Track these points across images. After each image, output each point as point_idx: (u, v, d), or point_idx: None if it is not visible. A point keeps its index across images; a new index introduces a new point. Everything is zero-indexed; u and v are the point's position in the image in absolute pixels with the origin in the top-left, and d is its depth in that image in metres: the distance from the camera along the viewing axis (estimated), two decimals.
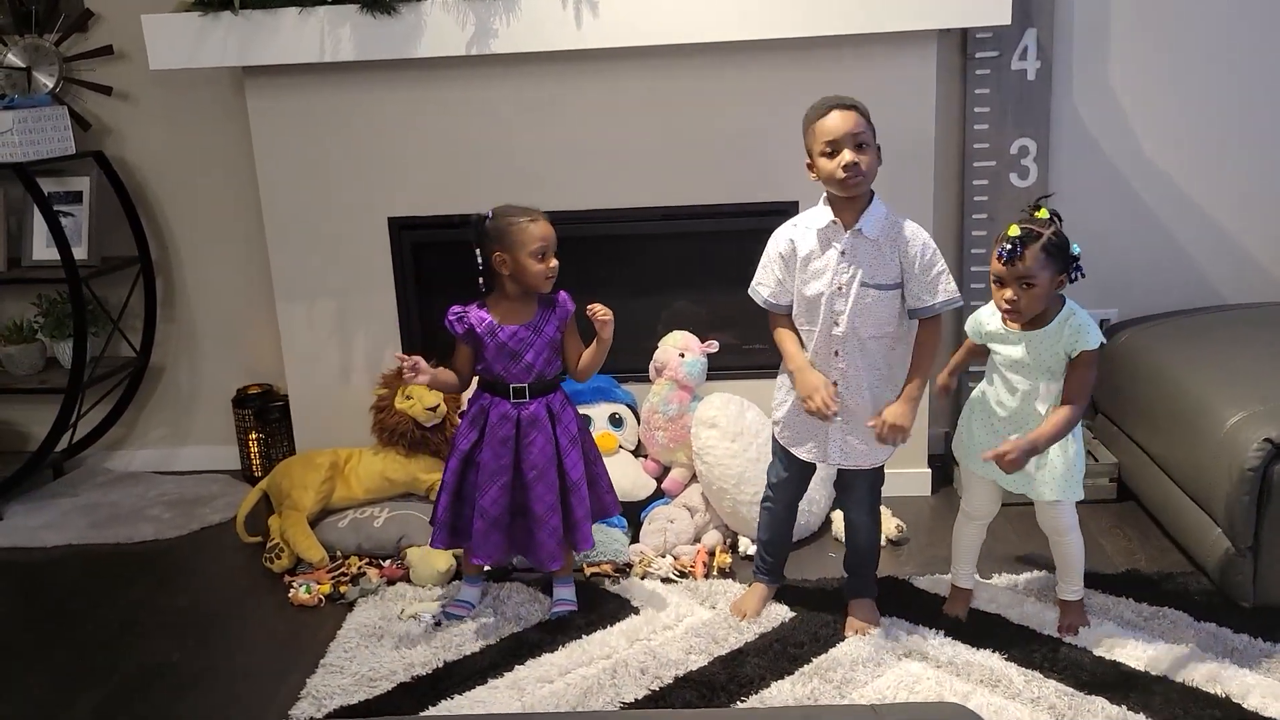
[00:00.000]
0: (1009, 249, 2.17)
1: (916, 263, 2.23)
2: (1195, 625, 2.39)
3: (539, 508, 2.45)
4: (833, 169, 2.17)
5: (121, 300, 3.47)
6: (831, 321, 2.27)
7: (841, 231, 2.25)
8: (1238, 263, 3.28)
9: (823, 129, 2.18)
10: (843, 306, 2.25)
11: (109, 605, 2.77)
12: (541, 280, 2.41)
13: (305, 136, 3.04)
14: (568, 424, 2.50)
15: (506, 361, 2.43)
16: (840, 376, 2.29)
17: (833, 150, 2.17)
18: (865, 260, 2.24)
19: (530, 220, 2.39)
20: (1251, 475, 2.34)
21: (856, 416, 2.32)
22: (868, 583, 2.51)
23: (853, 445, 2.35)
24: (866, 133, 2.18)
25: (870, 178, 2.21)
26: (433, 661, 2.41)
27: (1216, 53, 3.14)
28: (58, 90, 3.33)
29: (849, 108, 2.18)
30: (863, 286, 2.24)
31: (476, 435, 2.46)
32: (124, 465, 3.63)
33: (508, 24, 2.79)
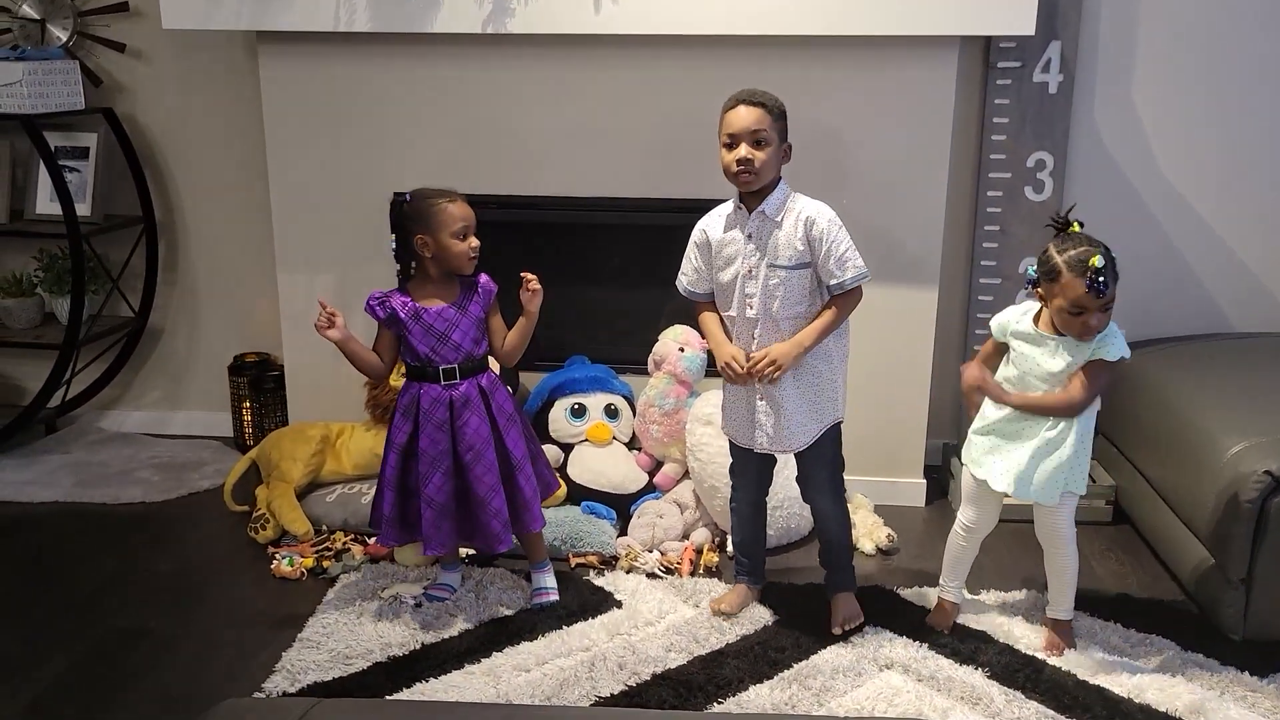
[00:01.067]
0: (1102, 281, 2.13)
1: (823, 241, 2.25)
2: (1183, 655, 2.35)
3: (480, 489, 2.42)
4: (728, 162, 2.23)
5: (123, 259, 3.45)
6: (745, 304, 2.30)
7: (746, 215, 2.29)
8: (1249, 291, 3.24)
9: (725, 121, 2.24)
10: (754, 289, 2.29)
11: (90, 565, 2.76)
12: (464, 260, 2.38)
13: (315, 106, 3.02)
14: (502, 402, 2.47)
15: (434, 343, 2.39)
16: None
17: (731, 144, 2.22)
18: (769, 242, 2.27)
19: (449, 200, 2.38)
20: (1249, 507, 2.30)
21: (777, 401, 2.33)
22: (846, 575, 2.51)
23: (778, 429, 2.35)
24: (767, 130, 2.20)
25: (765, 175, 2.23)
26: (410, 643, 2.39)
27: (1242, 79, 3.10)
28: (70, 44, 3.31)
29: (756, 104, 2.21)
30: (770, 268, 2.27)
31: (411, 426, 2.43)
32: (117, 426, 3.62)
33: (525, 5, 2.76)
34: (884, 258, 2.96)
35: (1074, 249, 2.16)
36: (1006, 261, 3.18)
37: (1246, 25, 3.06)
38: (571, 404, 3.03)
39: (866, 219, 2.95)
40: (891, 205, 2.93)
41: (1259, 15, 3.05)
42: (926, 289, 3.00)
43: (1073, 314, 2.16)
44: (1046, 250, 2.22)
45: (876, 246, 2.94)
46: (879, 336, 3.00)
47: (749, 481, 2.50)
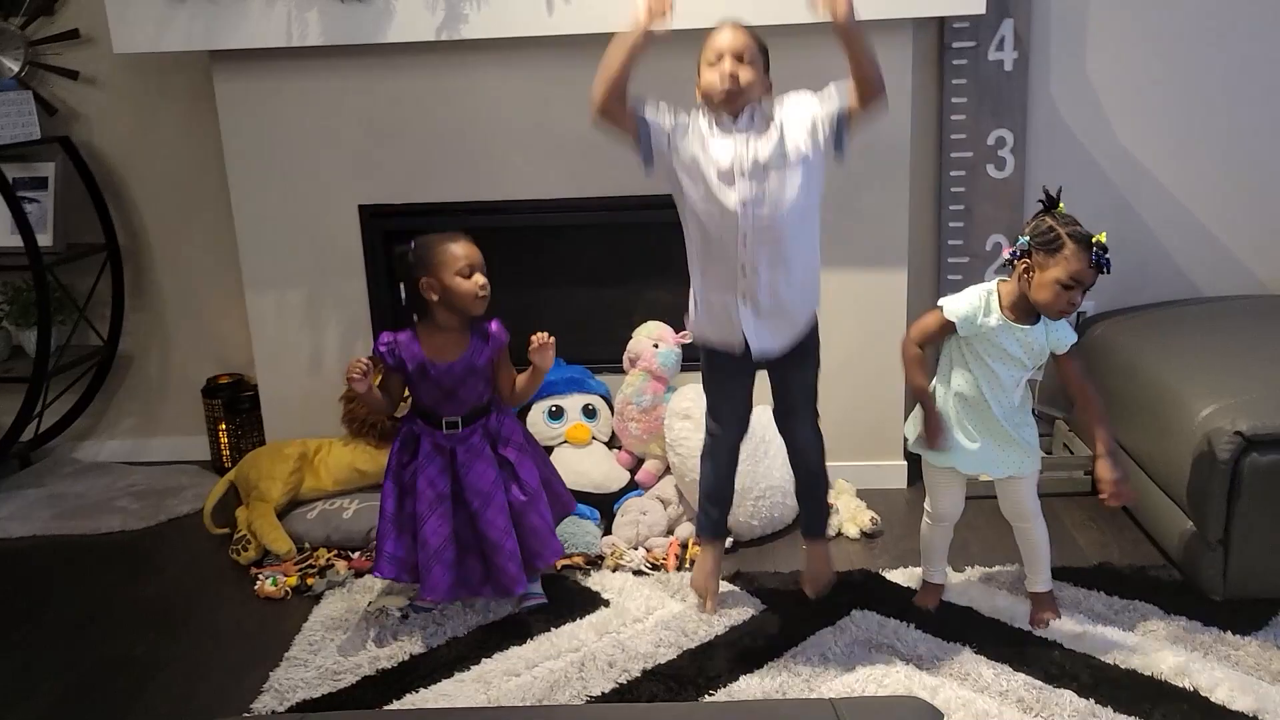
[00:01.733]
0: (1106, 257, 2.14)
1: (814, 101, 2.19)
2: (1165, 618, 2.38)
3: (493, 534, 2.39)
4: (711, 80, 2.14)
5: (88, 288, 3.42)
6: (739, 202, 2.15)
7: (730, 120, 2.17)
8: (1214, 255, 3.27)
9: (711, 41, 2.16)
10: (745, 188, 2.15)
11: (73, 596, 2.74)
12: (470, 300, 2.33)
13: (274, 122, 3.00)
14: (509, 435, 2.46)
15: (439, 397, 2.38)
16: (748, 260, 2.19)
17: (716, 60, 2.14)
18: (763, 136, 2.17)
19: (451, 240, 2.34)
20: (1223, 468, 2.33)
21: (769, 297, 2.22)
22: (824, 514, 2.50)
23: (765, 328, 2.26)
24: (754, 56, 2.14)
25: (751, 95, 2.15)
26: (398, 655, 2.38)
27: (1194, 43, 3.13)
28: (23, 74, 3.28)
29: (744, 29, 2.16)
30: (766, 167, 2.15)
31: (410, 459, 2.42)
32: (92, 455, 3.59)
33: (478, 9, 2.75)
34: (851, 242, 2.98)
35: (1074, 224, 2.16)
36: (973, 239, 3.20)
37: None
38: (549, 406, 3.03)
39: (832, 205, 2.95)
40: (856, 189, 2.94)
41: None
42: (895, 271, 3.02)
43: (1065, 287, 2.15)
44: (1044, 222, 2.18)
45: (843, 231, 2.96)
46: (851, 320, 3.01)
47: (731, 416, 2.41)
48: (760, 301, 2.23)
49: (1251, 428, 2.32)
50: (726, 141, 2.17)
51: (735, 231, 2.17)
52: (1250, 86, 3.16)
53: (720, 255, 2.21)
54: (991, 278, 3.19)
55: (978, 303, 2.27)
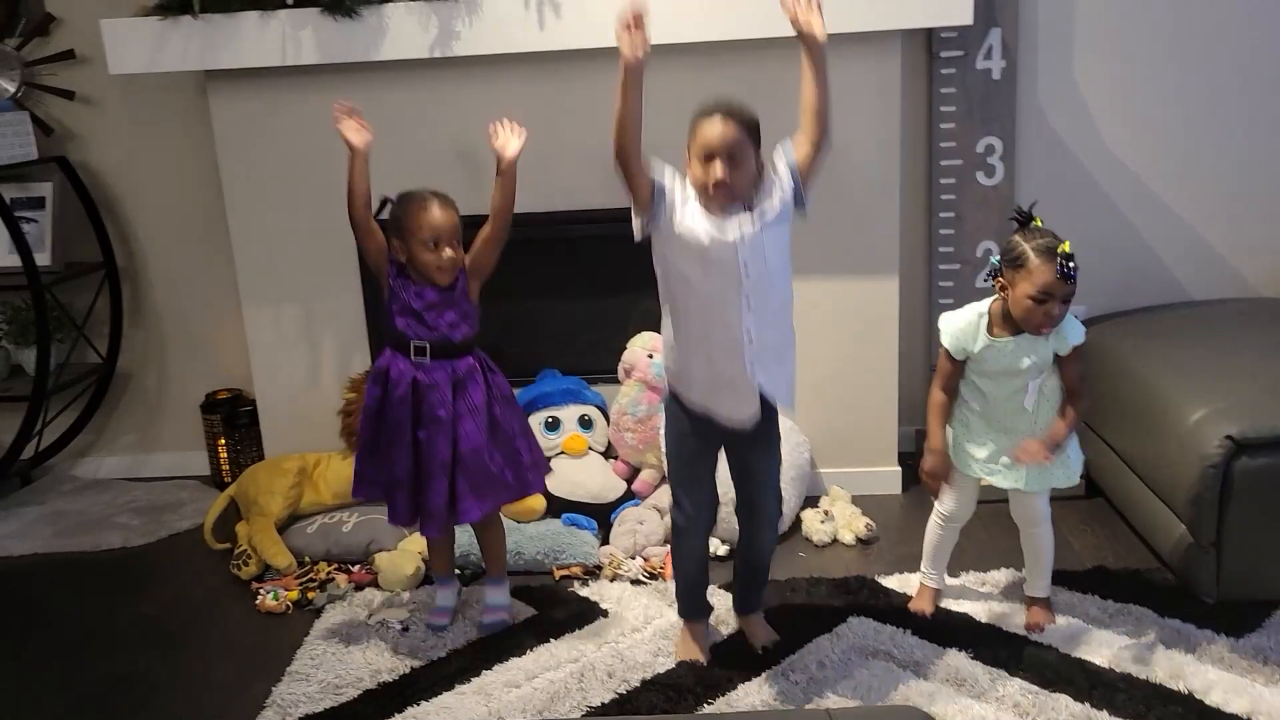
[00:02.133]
0: (1071, 266, 2.17)
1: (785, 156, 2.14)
2: (1159, 621, 2.40)
3: (431, 465, 2.37)
4: (703, 180, 2.06)
5: (87, 306, 3.44)
6: (742, 272, 2.09)
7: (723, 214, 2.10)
8: (1204, 260, 3.30)
9: (703, 134, 2.06)
10: (747, 255, 2.08)
11: (74, 614, 2.75)
12: (434, 271, 2.31)
13: (269, 139, 3.02)
14: (471, 393, 2.39)
15: (410, 320, 2.36)
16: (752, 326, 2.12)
17: (707, 158, 2.05)
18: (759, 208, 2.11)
19: (425, 206, 2.29)
20: (1214, 471, 2.35)
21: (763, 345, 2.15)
22: (762, 596, 2.46)
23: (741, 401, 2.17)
24: (745, 150, 2.05)
25: (741, 195, 2.09)
26: (400, 668, 2.40)
27: (1180, 51, 3.16)
28: (19, 95, 3.30)
29: (736, 120, 2.05)
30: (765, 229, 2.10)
31: (380, 391, 2.40)
32: (91, 472, 3.60)
33: (470, 26, 2.78)
34: (843, 250, 3.00)
35: (1041, 239, 2.20)
36: (963, 247, 3.23)
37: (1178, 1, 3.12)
38: (545, 418, 3.05)
39: (824, 214, 2.98)
40: (848, 199, 2.97)
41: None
42: (887, 279, 3.04)
43: (1038, 302, 2.18)
44: (1011, 240, 2.25)
45: (835, 240, 2.98)
46: (844, 329, 3.04)
47: (701, 498, 2.30)
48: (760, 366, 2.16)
49: (1242, 431, 2.35)
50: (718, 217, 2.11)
51: (739, 298, 2.11)
52: (1235, 92, 3.19)
53: (721, 324, 2.13)
54: (983, 284, 3.23)
55: (966, 327, 2.31)
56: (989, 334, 2.28)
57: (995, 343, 2.27)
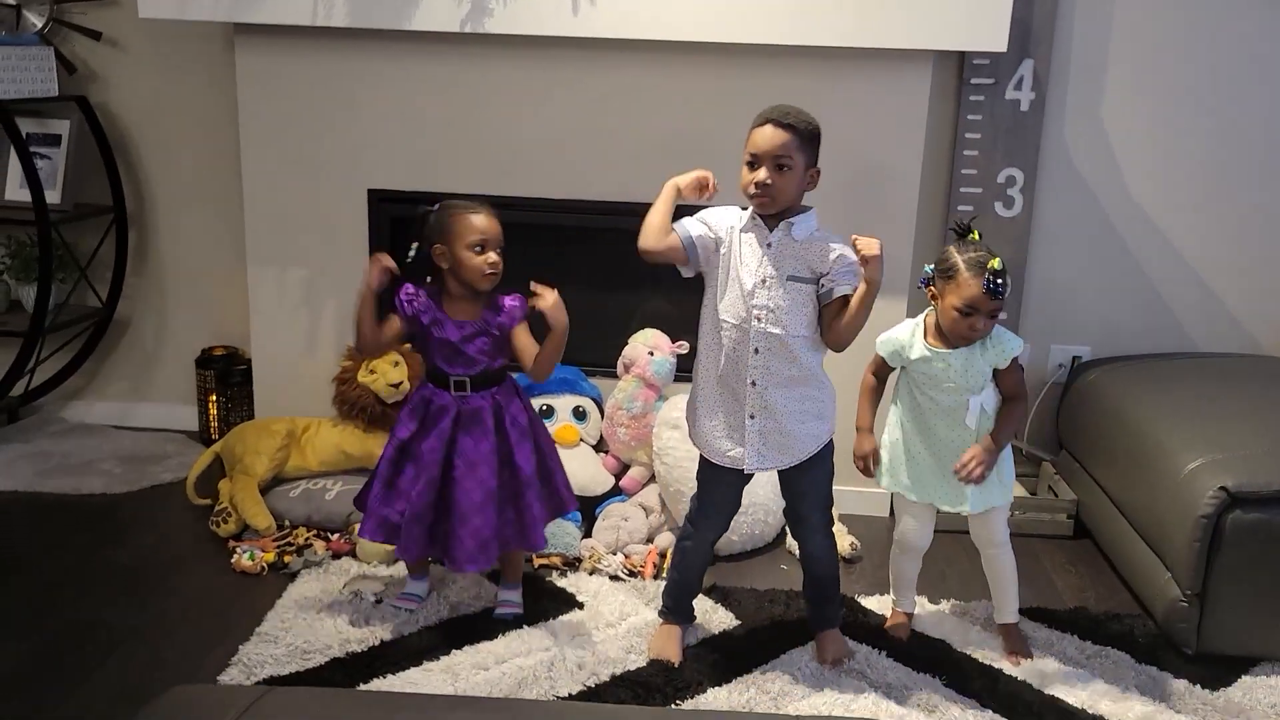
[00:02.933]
0: (999, 283, 2.17)
1: (840, 261, 2.17)
2: (1136, 667, 2.38)
3: (465, 504, 2.35)
4: (747, 181, 2.14)
5: (92, 248, 3.42)
6: (753, 318, 2.17)
7: (766, 229, 2.19)
8: (1212, 312, 3.29)
9: (751, 139, 2.15)
10: (764, 300, 2.16)
11: (47, 556, 2.73)
12: (479, 276, 2.31)
13: (291, 100, 3.01)
14: (516, 415, 2.42)
15: (449, 354, 2.36)
16: (759, 375, 2.19)
17: (752, 163, 2.13)
18: (790, 257, 2.17)
19: (472, 212, 2.31)
20: (1205, 522, 2.33)
21: (772, 415, 2.22)
22: (835, 610, 2.42)
23: (770, 445, 2.24)
24: (793, 155, 2.11)
25: (784, 200, 2.14)
26: (369, 639, 2.38)
27: (1210, 102, 3.15)
28: (46, 31, 3.28)
29: (785, 126, 2.12)
30: (789, 280, 2.17)
31: (416, 426, 2.39)
32: (80, 416, 3.58)
33: (505, 4, 2.76)
34: None
35: (973, 252, 2.22)
36: None
37: (1216, 47, 3.11)
38: (540, 405, 3.03)
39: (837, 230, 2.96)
40: (862, 217, 2.94)
41: (1229, 37, 3.10)
42: (896, 300, 3.02)
43: (963, 314, 2.20)
44: (946, 250, 2.27)
45: None
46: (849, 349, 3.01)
47: (715, 525, 2.36)
48: (766, 421, 2.22)
49: (1238, 484, 2.33)
50: (757, 251, 2.19)
51: (748, 344, 2.19)
52: (1261, 147, 3.18)
53: (731, 369, 2.22)
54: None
55: (903, 335, 2.33)
56: (925, 342, 2.29)
57: (931, 352, 2.27)
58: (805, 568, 2.42)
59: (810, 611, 2.45)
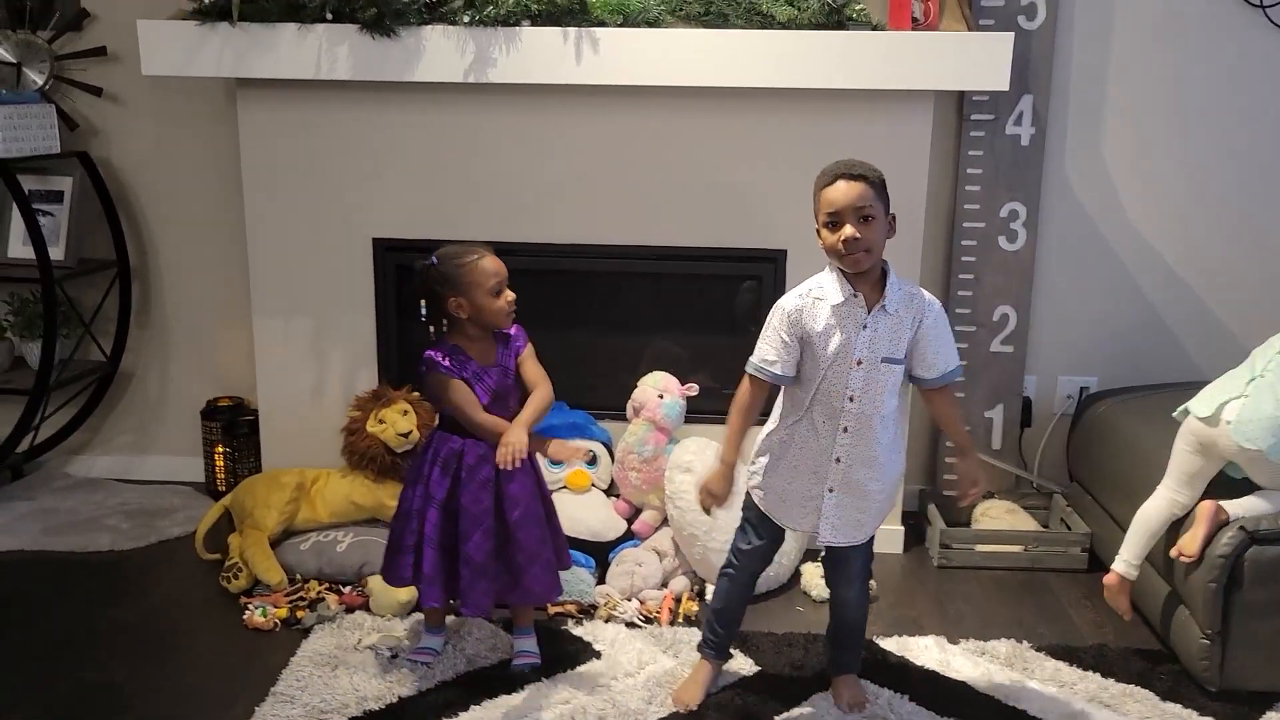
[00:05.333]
0: None
1: (933, 334, 2.14)
2: (1160, 706, 2.36)
3: (532, 543, 2.37)
4: (834, 242, 2.07)
5: (95, 303, 3.41)
6: (845, 397, 2.13)
7: (863, 306, 2.11)
8: (1219, 341, 3.29)
9: (826, 199, 2.08)
10: (860, 383, 2.12)
11: (56, 616, 2.70)
12: (503, 317, 2.33)
13: (294, 151, 3.01)
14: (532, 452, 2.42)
15: (489, 403, 2.34)
16: (845, 452, 2.17)
17: (834, 222, 2.06)
18: (884, 335, 2.12)
19: (479, 257, 2.30)
20: (1223, 561, 2.32)
21: (852, 491, 2.20)
22: (856, 658, 2.40)
23: (845, 521, 2.22)
24: (873, 205, 2.06)
25: (876, 252, 2.08)
26: (387, 696, 2.35)
27: (1208, 132, 3.17)
28: (47, 88, 3.29)
29: (856, 178, 2.06)
30: (883, 363, 2.12)
31: (450, 483, 2.36)
32: (85, 471, 3.56)
33: (507, 54, 2.77)
34: None
35: None
36: (980, 309, 3.22)
37: (1214, 78, 3.14)
38: None
39: None
40: None
41: (1226, 69, 3.13)
42: None
43: None
44: None
45: None
46: None
47: (759, 553, 2.34)
48: (844, 497, 2.21)
49: (1255, 522, 2.32)
50: (853, 331, 2.12)
51: (837, 421, 2.16)
52: (1261, 177, 3.20)
53: (815, 442, 2.19)
54: (998, 348, 3.23)
55: None
56: None
57: None
58: (836, 613, 2.39)
59: (831, 655, 2.43)
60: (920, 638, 2.63)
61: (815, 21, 2.74)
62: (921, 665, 2.52)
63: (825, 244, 2.09)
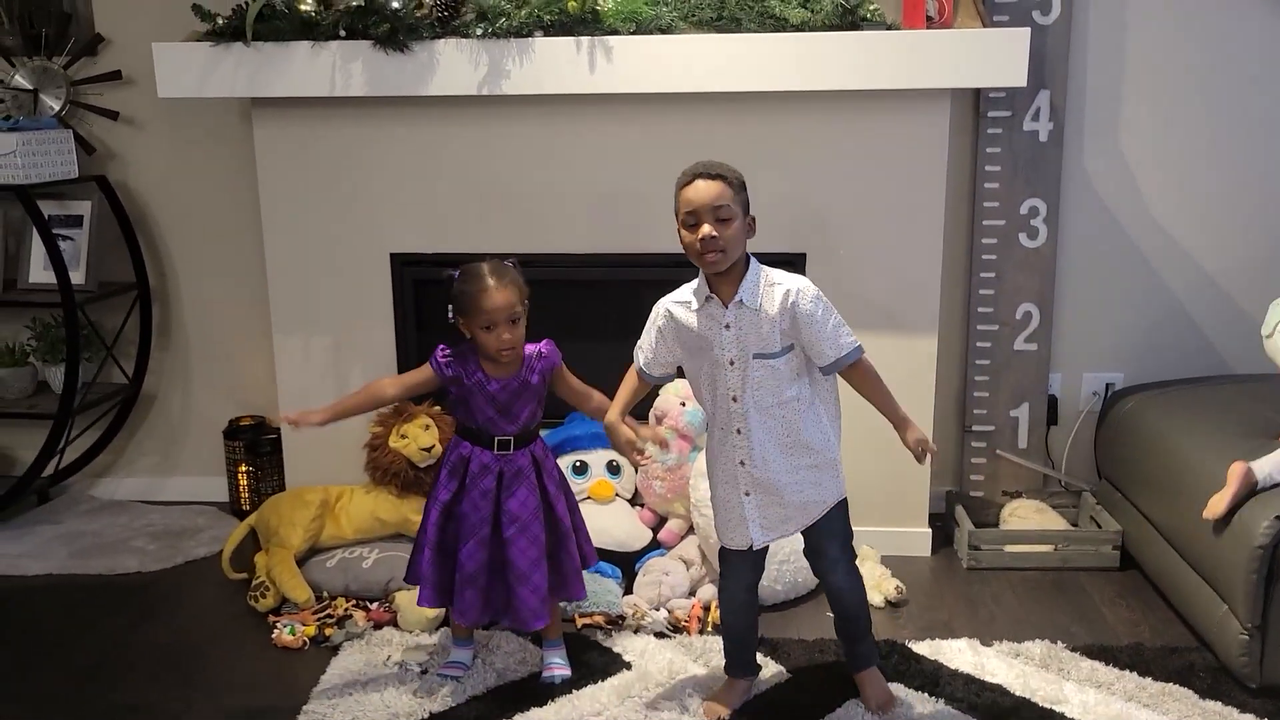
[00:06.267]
0: None
1: (812, 322, 2.10)
2: (1201, 704, 2.33)
3: (523, 563, 2.35)
4: (690, 241, 2.07)
5: (117, 326, 3.43)
6: (729, 398, 2.14)
7: (722, 306, 2.12)
8: (1245, 333, 3.24)
9: (684, 198, 2.08)
10: (737, 382, 2.13)
11: (86, 638, 2.70)
12: (494, 353, 2.30)
13: (311, 168, 3.02)
14: (551, 470, 2.43)
15: (494, 414, 2.35)
16: (744, 454, 2.16)
17: (693, 222, 2.06)
18: (752, 331, 2.10)
19: (482, 291, 2.26)
20: (1261, 553, 2.29)
21: (765, 490, 2.18)
22: (868, 647, 2.38)
23: (770, 518, 2.21)
24: (730, 205, 2.05)
25: (733, 252, 2.07)
26: (418, 712, 2.34)
27: (1228, 122, 3.14)
28: (64, 113, 3.31)
29: (714, 177, 2.06)
30: (755, 359, 2.11)
31: (457, 485, 2.38)
32: (109, 493, 3.57)
33: (520, 66, 2.77)
34: (882, 307, 2.97)
35: None
36: (1002, 307, 3.19)
37: (1233, 67, 3.11)
38: (573, 461, 3.01)
39: (864, 270, 2.97)
40: (888, 255, 2.95)
41: (1243, 59, 3.10)
42: (925, 337, 3.00)
43: None
44: None
45: (875, 296, 2.96)
46: None
47: (742, 568, 2.30)
48: (762, 496, 2.20)
49: None
50: (717, 333, 2.14)
51: (730, 424, 2.17)
52: None
53: (720, 448, 2.21)
54: (1021, 346, 3.20)
55: None
56: None
57: None
58: (832, 605, 2.37)
59: (845, 650, 2.40)
60: (953, 640, 2.60)
61: (829, 23, 2.73)
62: (955, 669, 2.49)
63: (684, 243, 2.11)
